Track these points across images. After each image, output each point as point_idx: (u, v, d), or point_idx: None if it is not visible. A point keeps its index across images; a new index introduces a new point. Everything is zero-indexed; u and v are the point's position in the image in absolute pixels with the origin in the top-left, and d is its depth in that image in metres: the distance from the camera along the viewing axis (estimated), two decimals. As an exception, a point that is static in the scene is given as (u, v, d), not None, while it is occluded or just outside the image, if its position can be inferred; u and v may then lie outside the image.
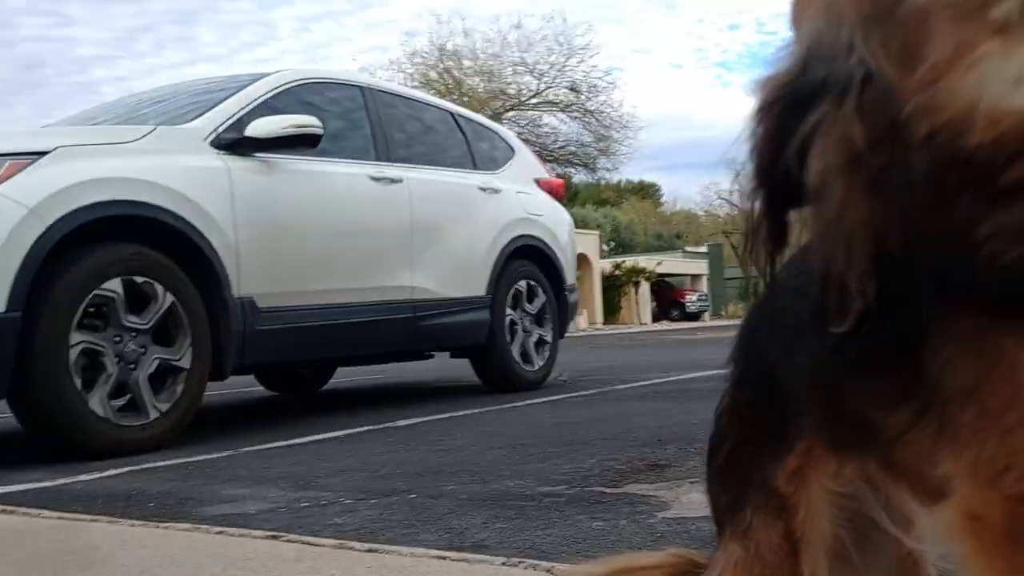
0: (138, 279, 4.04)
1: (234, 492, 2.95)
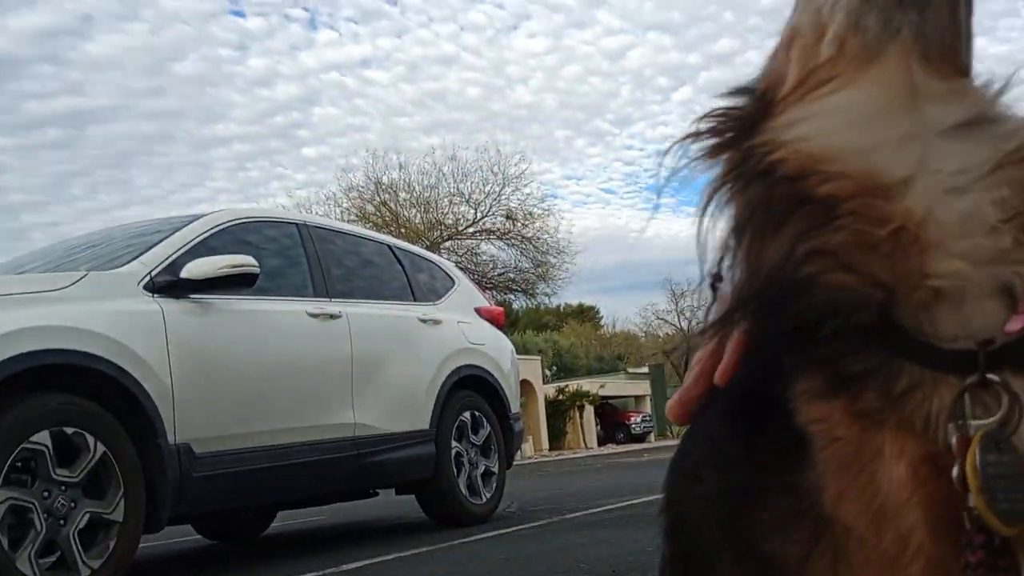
0: (68, 430, 3.90)
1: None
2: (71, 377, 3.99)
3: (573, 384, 37.90)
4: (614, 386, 42.18)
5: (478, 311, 7.05)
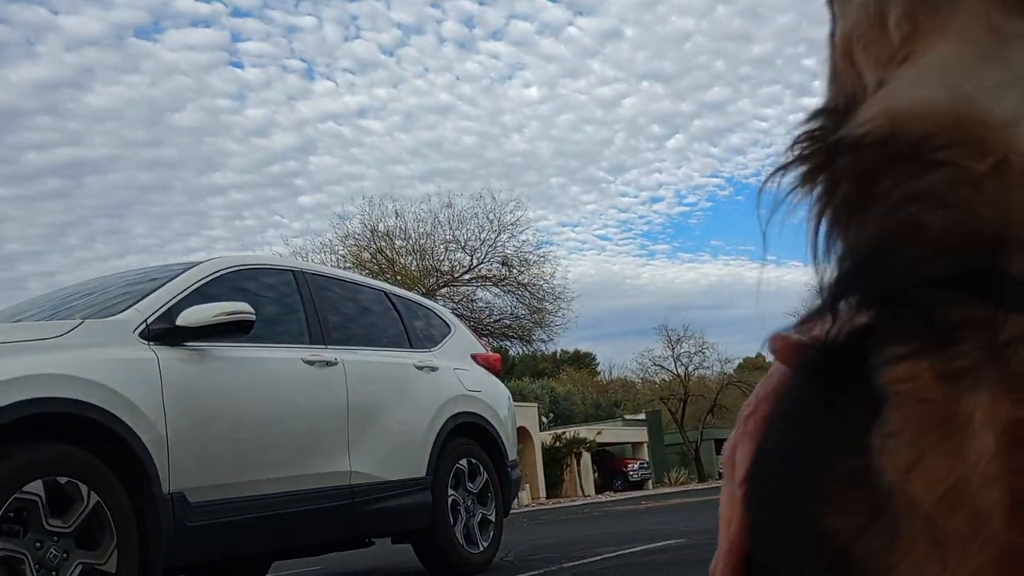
0: (61, 479, 3.86)
1: None
2: (65, 426, 3.96)
3: (570, 431, 37.70)
4: (611, 433, 41.97)
5: (475, 358, 7.04)
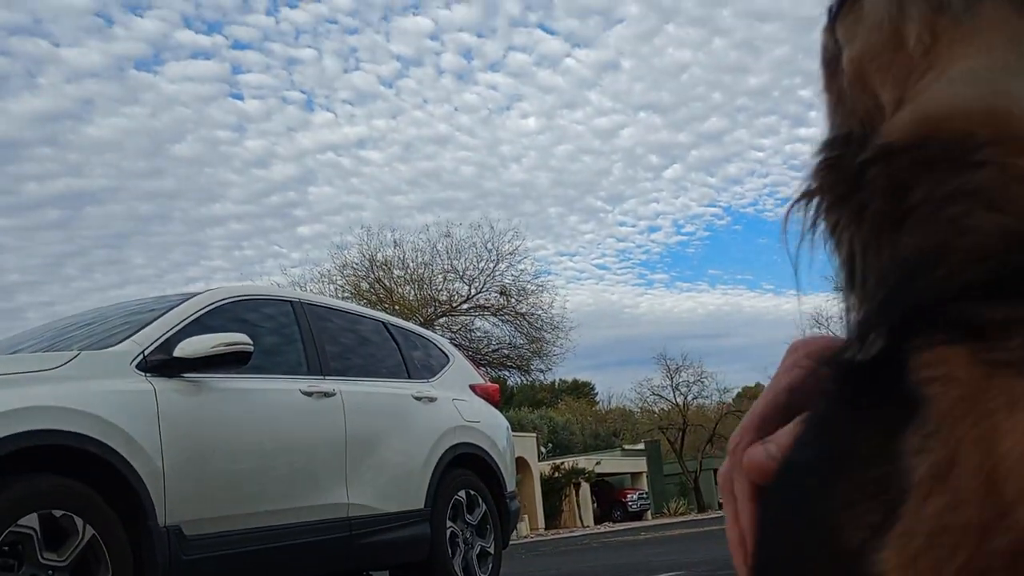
0: (56, 512, 3.83)
1: None
2: (61, 458, 3.94)
3: (569, 461, 37.58)
4: (610, 463, 41.82)
5: (473, 388, 7.01)
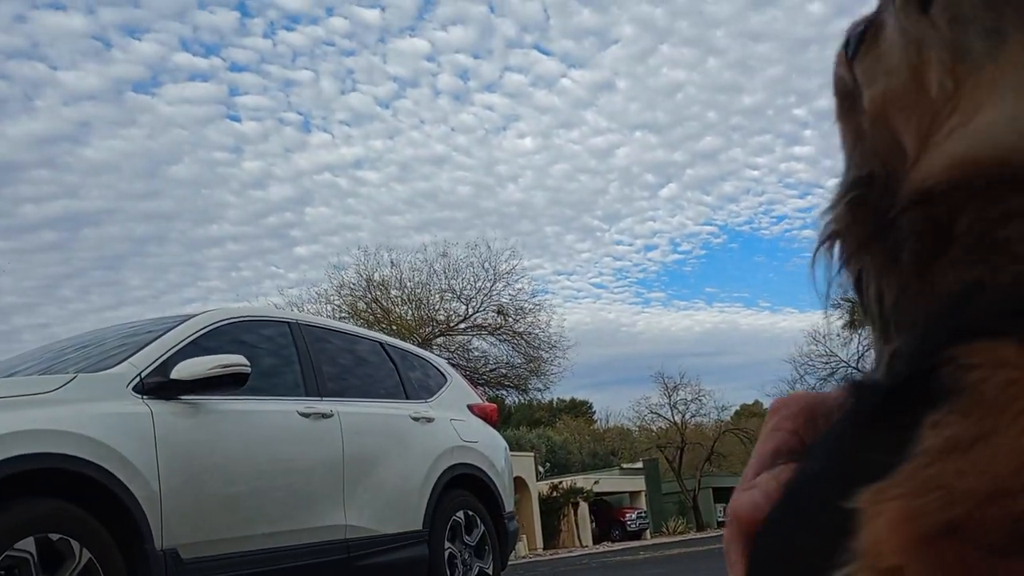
0: (53, 536, 3.81)
1: None
2: (57, 481, 3.92)
3: (567, 481, 37.44)
4: (608, 482, 41.67)
5: (471, 408, 7.00)
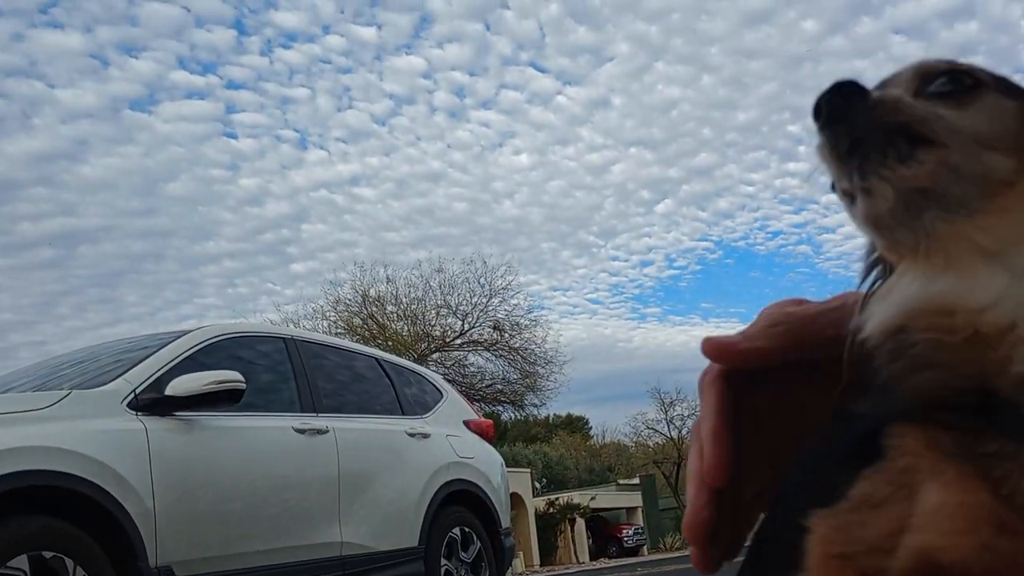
0: (47, 554, 3.78)
1: None
2: (51, 499, 3.90)
3: (564, 497, 37.32)
4: (605, 498, 41.56)
5: (467, 424, 6.98)
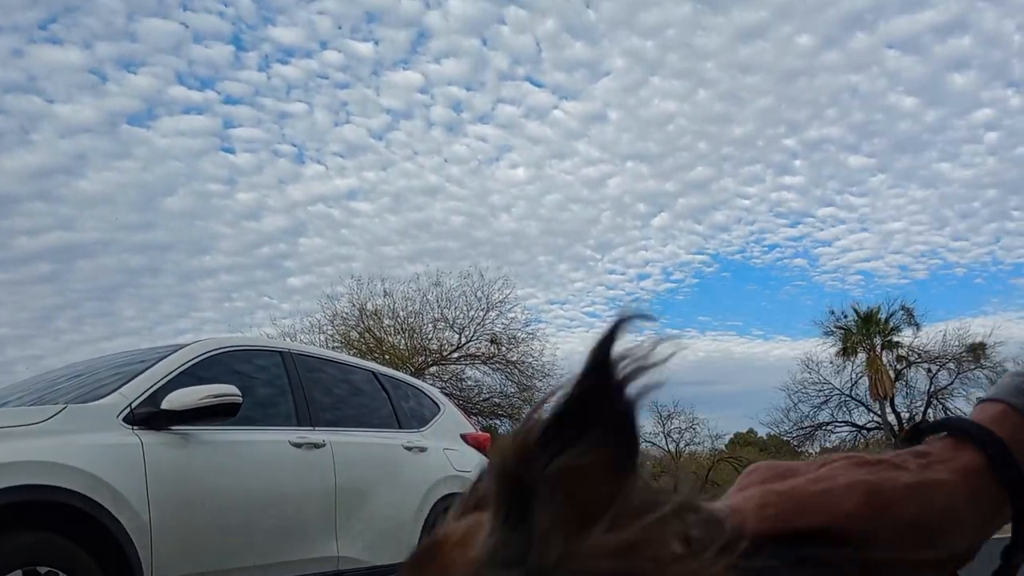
0: (42, 569, 3.76)
1: None
2: (46, 513, 3.88)
3: (561, 511, 37.20)
4: (603, 512, 41.46)
5: (464, 437, 6.97)
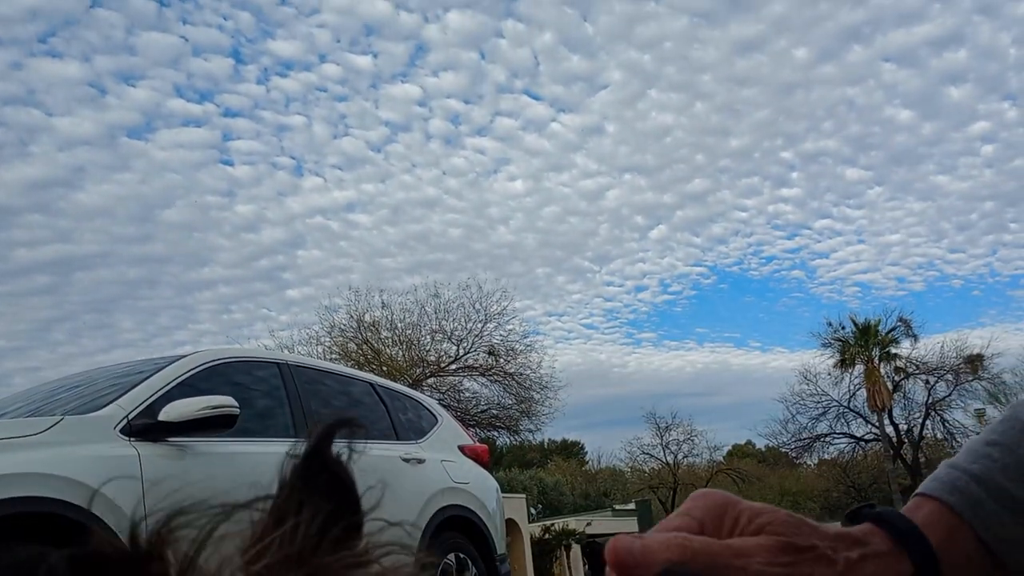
0: (36, 582, 3.73)
1: None
2: (41, 525, 3.85)
3: (559, 522, 37.13)
4: (601, 523, 41.32)
5: (462, 449, 6.95)
